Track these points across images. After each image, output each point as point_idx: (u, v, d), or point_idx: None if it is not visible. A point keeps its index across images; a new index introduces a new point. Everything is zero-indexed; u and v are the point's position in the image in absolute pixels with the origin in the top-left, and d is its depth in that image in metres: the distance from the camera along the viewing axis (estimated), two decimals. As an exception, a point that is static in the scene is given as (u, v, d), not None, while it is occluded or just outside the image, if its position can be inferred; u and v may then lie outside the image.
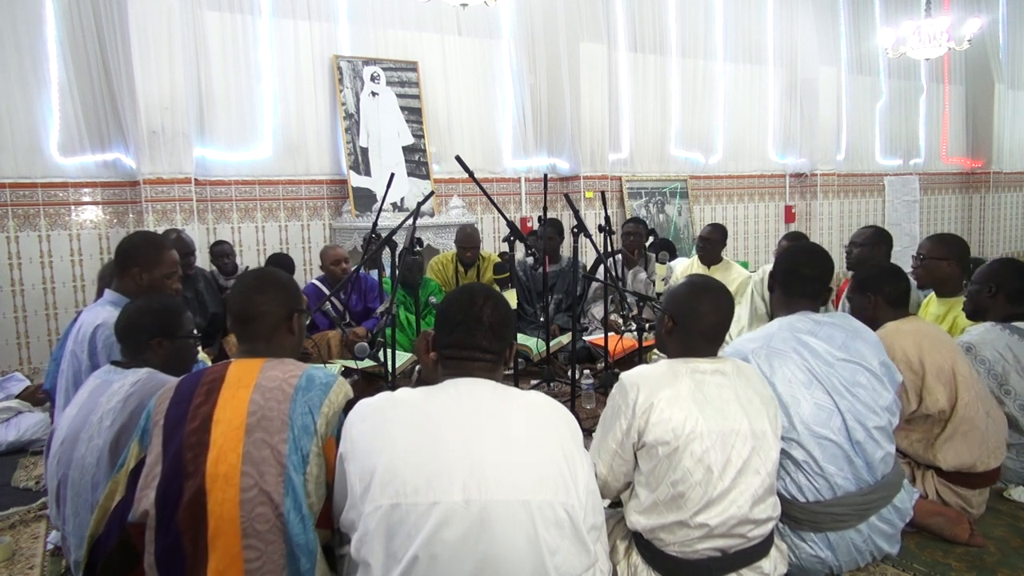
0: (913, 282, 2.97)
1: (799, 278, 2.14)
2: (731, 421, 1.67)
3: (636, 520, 1.70)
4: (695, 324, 1.78)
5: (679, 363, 1.75)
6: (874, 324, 2.33)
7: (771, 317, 3.94)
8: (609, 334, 3.61)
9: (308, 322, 3.83)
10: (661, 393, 1.66)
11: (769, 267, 4.09)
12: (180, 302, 2.19)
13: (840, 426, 1.90)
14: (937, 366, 2.22)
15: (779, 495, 1.90)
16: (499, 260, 4.72)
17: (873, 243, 3.47)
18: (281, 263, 4.33)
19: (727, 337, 4.03)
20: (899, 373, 2.10)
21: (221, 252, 4.48)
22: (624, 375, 1.74)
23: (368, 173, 5.33)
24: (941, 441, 2.25)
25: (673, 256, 5.54)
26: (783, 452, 1.88)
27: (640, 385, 1.68)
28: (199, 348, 2.30)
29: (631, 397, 1.68)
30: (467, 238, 4.62)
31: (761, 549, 1.72)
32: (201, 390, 1.51)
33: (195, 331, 2.15)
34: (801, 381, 1.92)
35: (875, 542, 1.95)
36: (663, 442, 1.63)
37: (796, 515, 1.90)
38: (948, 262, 2.89)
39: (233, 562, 1.37)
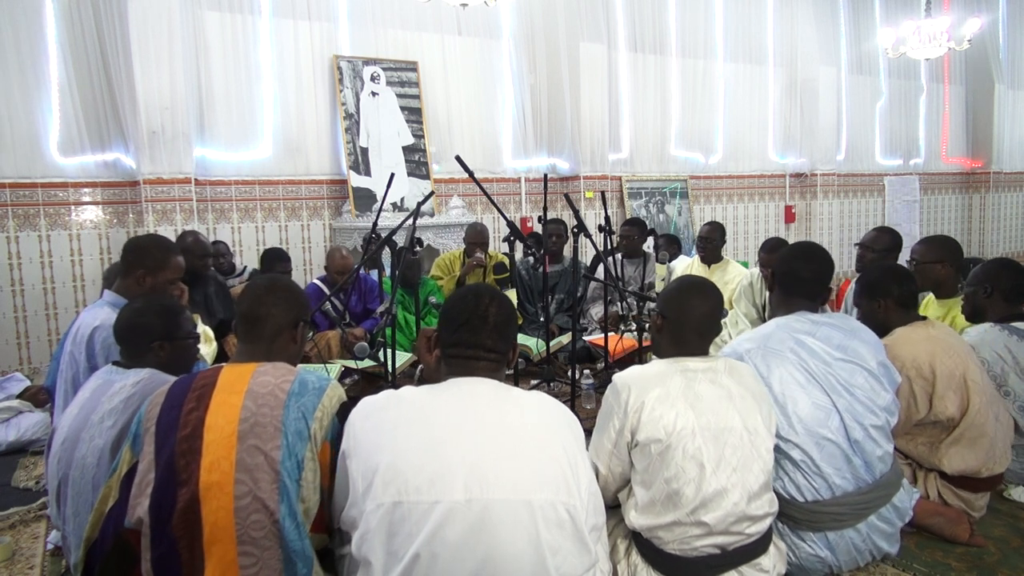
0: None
1: (796, 279, 2.13)
2: (723, 418, 1.68)
3: (634, 519, 1.70)
4: (685, 318, 1.81)
5: (670, 363, 1.78)
6: (885, 329, 2.29)
7: (763, 319, 3.98)
8: (609, 334, 3.61)
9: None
10: (652, 392, 1.68)
11: (756, 271, 4.08)
12: (177, 302, 2.19)
13: (838, 426, 1.90)
14: (948, 373, 2.18)
15: (777, 495, 1.90)
16: (502, 260, 4.73)
17: (889, 250, 3.34)
18: (279, 256, 4.28)
19: (727, 337, 4.04)
20: (898, 374, 2.08)
21: (216, 252, 4.48)
22: (616, 376, 1.77)
23: (368, 173, 5.33)
24: (947, 444, 2.22)
25: (680, 251, 5.53)
26: (781, 452, 1.88)
27: (631, 385, 1.70)
28: (199, 347, 2.29)
29: (623, 397, 1.70)
30: (476, 234, 4.63)
31: (760, 546, 1.72)
32: (192, 395, 1.49)
33: (195, 329, 2.15)
34: (798, 381, 1.92)
35: (874, 541, 1.95)
36: (655, 440, 1.64)
37: (794, 515, 1.90)
38: (942, 264, 2.88)
39: (229, 569, 1.37)
